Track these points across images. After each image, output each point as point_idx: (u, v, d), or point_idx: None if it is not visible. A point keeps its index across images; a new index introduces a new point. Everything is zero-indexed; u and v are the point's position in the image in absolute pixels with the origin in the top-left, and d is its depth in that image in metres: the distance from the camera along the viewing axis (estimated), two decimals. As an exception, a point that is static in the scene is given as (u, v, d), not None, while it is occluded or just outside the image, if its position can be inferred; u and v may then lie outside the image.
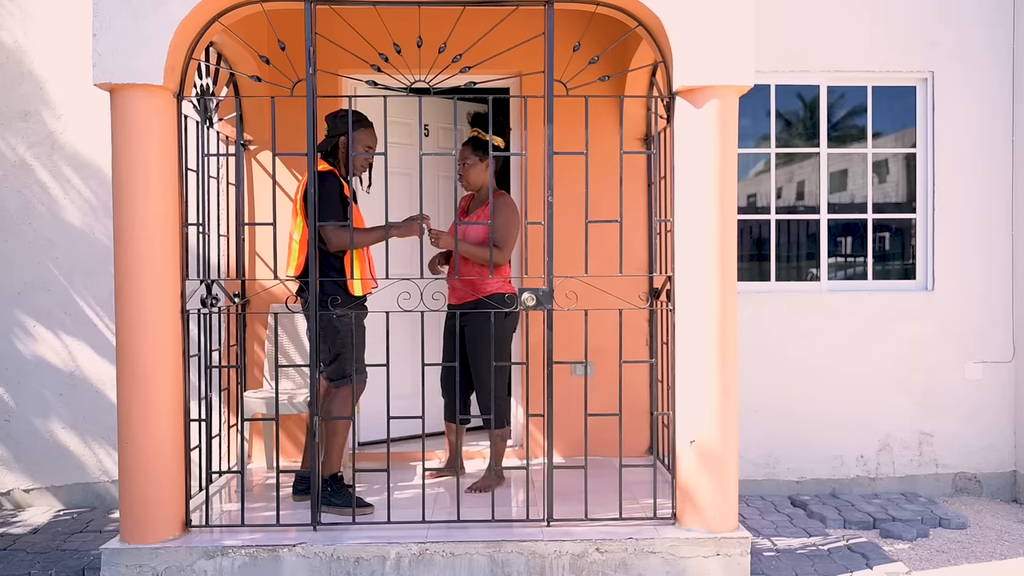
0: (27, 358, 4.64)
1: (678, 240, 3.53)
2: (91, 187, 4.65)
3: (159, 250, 3.38)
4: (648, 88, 4.61)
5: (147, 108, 3.36)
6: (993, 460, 4.98)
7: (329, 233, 3.72)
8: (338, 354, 3.81)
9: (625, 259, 4.48)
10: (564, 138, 4.43)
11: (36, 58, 4.61)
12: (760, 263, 5.08)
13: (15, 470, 4.67)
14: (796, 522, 4.43)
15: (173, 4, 3.33)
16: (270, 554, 3.36)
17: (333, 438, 3.83)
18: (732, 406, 3.48)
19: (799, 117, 5.08)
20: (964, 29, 4.92)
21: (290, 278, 3.89)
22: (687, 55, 3.41)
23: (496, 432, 4.13)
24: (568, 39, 4.35)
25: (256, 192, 4.80)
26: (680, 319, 3.53)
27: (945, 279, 4.96)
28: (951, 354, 4.96)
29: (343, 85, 4.80)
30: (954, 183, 4.95)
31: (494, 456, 4.15)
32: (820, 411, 4.93)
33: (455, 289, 4.20)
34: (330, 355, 3.83)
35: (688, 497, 3.50)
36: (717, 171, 3.44)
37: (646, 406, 4.76)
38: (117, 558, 3.35)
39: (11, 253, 4.63)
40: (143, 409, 3.37)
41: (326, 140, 3.90)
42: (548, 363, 3.56)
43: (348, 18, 4.24)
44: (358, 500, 3.75)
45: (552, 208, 3.51)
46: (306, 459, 4.01)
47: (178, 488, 3.48)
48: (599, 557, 3.40)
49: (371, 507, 3.77)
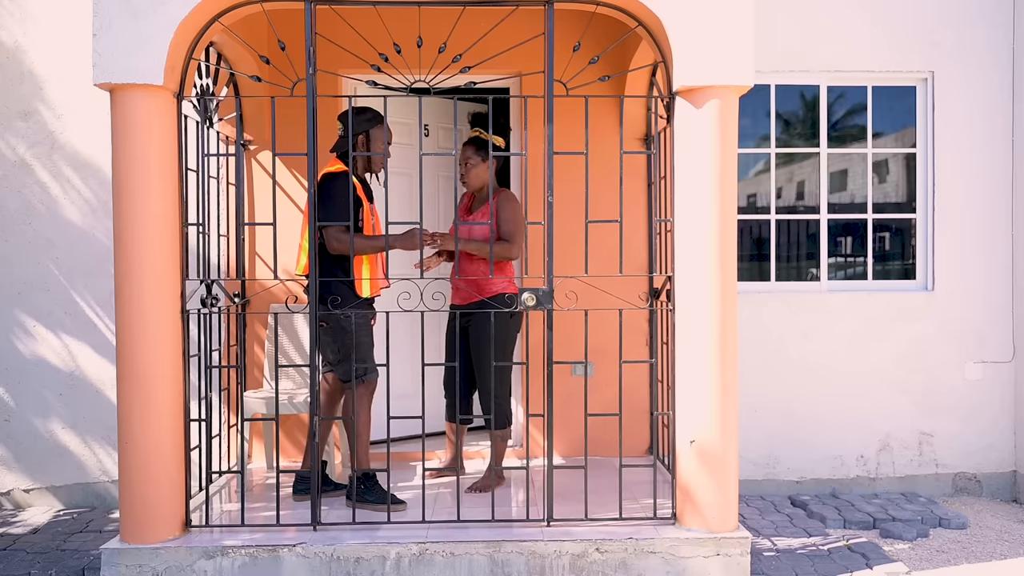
0: (27, 358, 4.64)
1: (678, 240, 3.53)
2: (91, 187, 4.65)
3: (159, 250, 3.38)
4: (648, 88, 4.61)
5: (147, 108, 3.36)
6: (993, 460, 4.98)
7: (331, 236, 3.72)
8: (348, 354, 3.81)
9: (625, 259, 4.48)
10: (564, 138, 4.43)
11: (36, 58, 4.61)
12: (760, 263, 5.08)
13: (15, 470, 4.67)
14: (796, 522, 4.43)
15: (173, 4, 3.33)
16: (270, 554, 3.36)
17: (359, 437, 3.85)
18: (732, 406, 3.48)
19: (799, 117, 5.08)
20: (964, 29, 4.92)
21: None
22: (687, 55, 3.41)
23: (497, 432, 4.14)
24: (568, 39, 4.35)
25: (256, 192, 4.80)
26: (680, 319, 3.53)
27: (945, 279, 4.96)
28: (951, 354, 4.96)
29: (343, 85, 4.80)
30: (954, 183, 4.95)
31: (494, 456, 4.15)
32: (820, 411, 4.93)
33: (459, 289, 4.19)
34: (339, 355, 3.84)
35: (688, 497, 3.50)
36: (717, 171, 3.44)
37: (646, 406, 4.76)
38: (117, 558, 3.35)
39: (11, 253, 4.63)
40: (143, 409, 3.37)
41: (342, 140, 3.88)
42: (548, 363, 3.56)
43: (348, 18, 4.24)
44: (392, 497, 3.76)
45: (552, 208, 3.51)
46: (306, 459, 4.02)
47: (178, 488, 3.48)
48: (599, 557, 3.40)
49: (404, 504, 3.81)
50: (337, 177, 3.74)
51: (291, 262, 4.59)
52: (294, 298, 4.56)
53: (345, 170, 3.78)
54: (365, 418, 3.84)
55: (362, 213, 3.84)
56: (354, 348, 3.76)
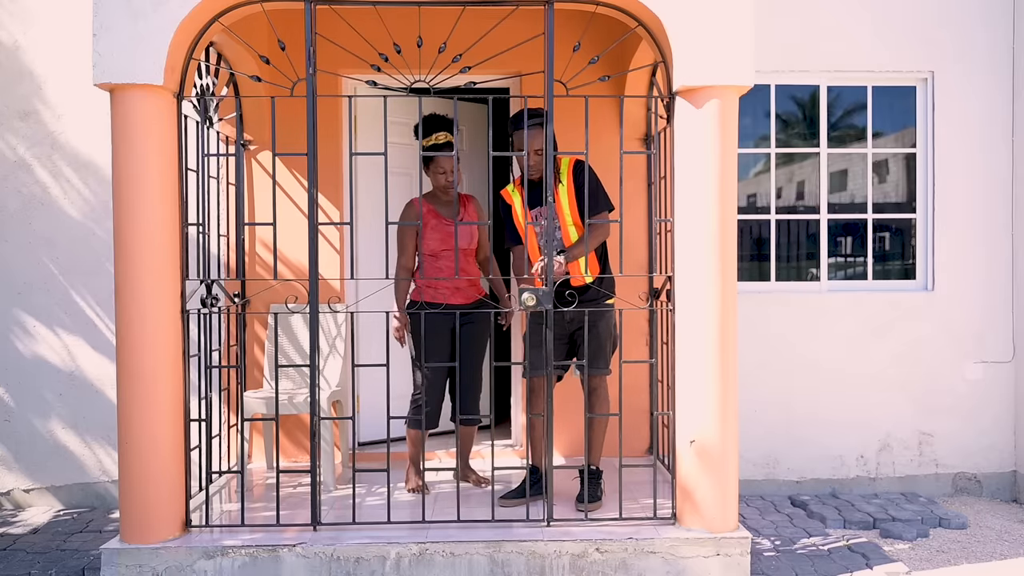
0: (27, 358, 4.64)
1: (678, 240, 3.53)
2: (91, 187, 4.65)
3: (159, 250, 3.38)
4: (648, 88, 4.61)
5: (147, 108, 3.36)
6: (993, 460, 4.98)
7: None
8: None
9: (625, 259, 4.47)
10: (564, 138, 4.43)
11: (36, 58, 4.61)
12: (760, 263, 5.08)
13: (15, 470, 4.67)
14: (796, 522, 4.43)
15: (173, 4, 3.33)
16: (270, 554, 3.36)
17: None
18: (732, 406, 3.48)
19: (799, 117, 5.08)
20: (964, 29, 4.92)
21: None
22: (687, 55, 3.41)
23: (473, 428, 4.34)
24: (568, 39, 4.35)
25: (256, 192, 4.80)
26: (680, 319, 3.53)
27: (945, 279, 4.96)
28: (951, 354, 4.96)
29: (343, 85, 4.81)
30: (954, 183, 4.95)
31: (468, 453, 4.35)
32: (820, 411, 4.93)
33: (459, 289, 4.17)
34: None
35: (688, 497, 3.50)
36: (717, 171, 3.44)
37: (646, 406, 4.76)
38: (117, 558, 3.35)
39: (11, 253, 4.63)
40: (143, 409, 3.37)
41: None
42: (548, 363, 3.56)
43: (348, 18, 4.23)
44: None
45: (553, 208, 3.51)
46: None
47: (178, 488, 3.48)
48: (599, 557, 3.40)
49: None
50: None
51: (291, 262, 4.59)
52: (294, 298, 4.56)
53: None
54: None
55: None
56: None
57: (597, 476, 3.89)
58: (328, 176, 4.76)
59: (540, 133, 3.74)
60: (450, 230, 4.07)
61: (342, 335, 4.57)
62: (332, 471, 4.26)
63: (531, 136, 3.75)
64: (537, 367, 3.75)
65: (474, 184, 5.49)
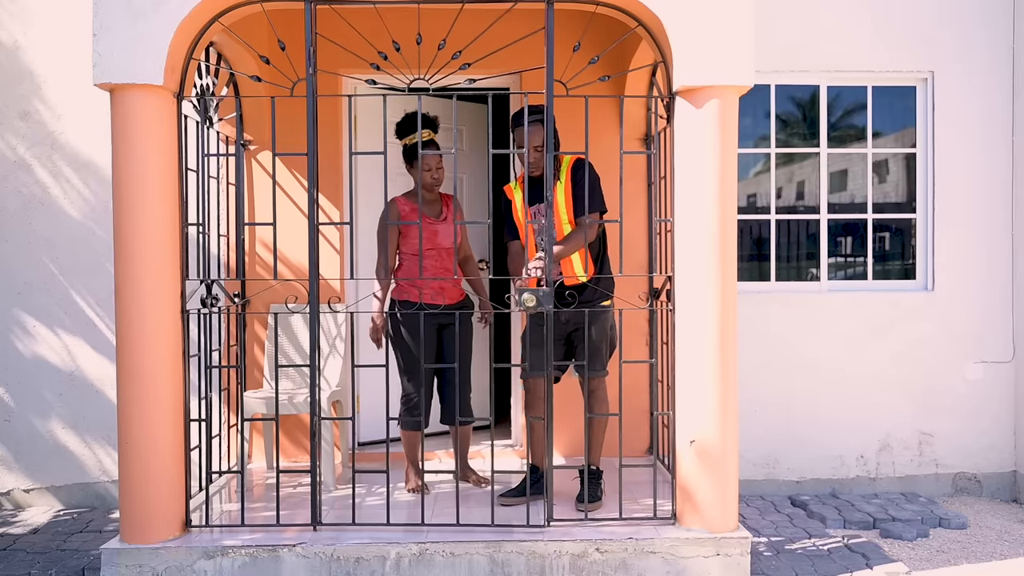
0: (27, 358, 4.64)
1: (678, 240, 3.53)
2: (91, 187, 4.65)
3: (159, 250, 3.38)
4: (648, 88, 4.61)
5: (147, 108, 3.36)
6: (993, 460, 4.98)
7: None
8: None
9: (625, 259, 4.47)
10: (564, 138, 4.42)
11: (36, 58, 4.61)
12: (760, 263, 5.08)
13: (15, 470, 4.67)
14: (796, 522, 4.43)
15: (173, 4, 3.33)
16: (270, 554, 3.36)
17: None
18: (732, 406, 3.48)
19: (799, 117, 5.08)
20: (964, 29, 4.92)
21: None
22: (687, 55, 3.41)
23: (469, 428, 4.30)
24: (568, 39, 4.35)
25: (256, 192, 4.80)
26: (680, 319, 3.53)
27: (945, 279, 4.96)
28: (951, 354, 4.96)
29: (343, 85, 4.80)
30: (954, 183, 4.95)
31: (466, 453, 4.30)
32: (820, 411, 4.93)
33: (446, 289, 4.15)
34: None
35: (688, 497, 3.50)
36: (717, 171, 3.44)
37: (646, 406, 4.76)
38: (117, 558, 3.35)
39: (11, 253, 4.63)
40: (143, 409, 3.37)
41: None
42: (547, 363, 3.56)
43: (348, 18, 4.23)
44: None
45: (552, 208, 3.51)
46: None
47: (178, 488, 3.48)
48: (599, 557, 3.40)
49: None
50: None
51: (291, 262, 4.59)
52: (294, 298, 4.56)
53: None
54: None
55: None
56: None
57: (597, 476, 3.89)
58: (328, 176, 4.76)
59: (540, 129, 3.74)
60: (433, 229, 4.07)
61: (342, 335, 4.58)
62: (332, 471, 4.26)
63: (531, 132, 3.76)
64: (534, 368, 3.74)
65: (474, 183, 5.49)
